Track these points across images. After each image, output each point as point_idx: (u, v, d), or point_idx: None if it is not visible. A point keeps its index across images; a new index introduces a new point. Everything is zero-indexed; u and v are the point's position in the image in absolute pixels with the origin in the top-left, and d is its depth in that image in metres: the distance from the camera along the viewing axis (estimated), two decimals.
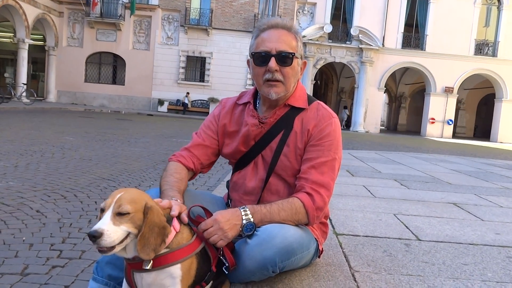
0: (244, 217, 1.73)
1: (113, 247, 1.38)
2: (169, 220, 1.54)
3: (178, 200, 1.74)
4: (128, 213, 1.40)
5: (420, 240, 2.82)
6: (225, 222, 1.68)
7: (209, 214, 1.76)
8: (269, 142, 2.00)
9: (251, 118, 2.03)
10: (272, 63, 1.88)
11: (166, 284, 1.50)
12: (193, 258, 1.56)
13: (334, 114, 2.02)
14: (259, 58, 1.92)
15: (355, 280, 2.03)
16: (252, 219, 1.73)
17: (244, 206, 1.78)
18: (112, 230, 1.36)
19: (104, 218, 1.38)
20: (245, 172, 2.06)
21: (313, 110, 2.01)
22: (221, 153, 2.15)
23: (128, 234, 1.42)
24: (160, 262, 1.49)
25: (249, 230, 1.72)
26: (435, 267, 2.29)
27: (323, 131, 1.94)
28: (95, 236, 1.33)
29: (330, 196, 1.92)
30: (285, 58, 1.89)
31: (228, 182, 2.21)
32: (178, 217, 1.61)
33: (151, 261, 1.48)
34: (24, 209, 3.66)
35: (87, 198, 4.21)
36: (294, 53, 1.90)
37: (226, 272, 1.71)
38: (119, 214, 1.39)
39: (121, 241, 1.40)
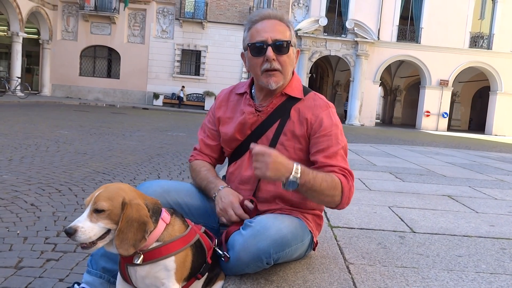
0: (293, 173, 1.73)
1: (93, 243, 1.41)
2: (157, 212, 1.53)
3: (227, 187, 1.98)
4: (104, 210, 1.41)
5: (414, 232, 2.83)
6: (275, 162, 1.70)
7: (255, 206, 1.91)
8: (265, 131, 2.00)
9: (248, 106, 2.03)
10: (270, 52, 1.89)
11: (161, 277, 1.50)
12: (188, 250, 1.56)
13: (331, 104, 2.04)
14: (255, 49, 1.92)
15: (349, 272, 2.03)
16: (298, 179, 1.73)
17: (298, 163, 1.77)
18: (88, 227, 1.38)
19: (82, 216, 1.41)
20: (240, 162, 2.06)
21: (309, 100, 2.02)
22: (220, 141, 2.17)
23: (110, 230, 1.43)
24: (153, 255, 1.49)
25: (290, 187, 1.74)
26: (429, 259, 2.30)
27: (324, 121, 1.96)
28: (69, 233, 1.37)
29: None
30: (281, 47, 1.90)
31: (224, 175, 2.21)
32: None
33: (142, 256, 1.48)
34: (19, 203, 3.65)
35: (81, 192, 4.20)
36: (290, 41, 1.92)
37: (223, 260, 1.72)
38: (96, 211, 1.41)
39: (102, 237, 1.42)
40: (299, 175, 1.73)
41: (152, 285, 1.52)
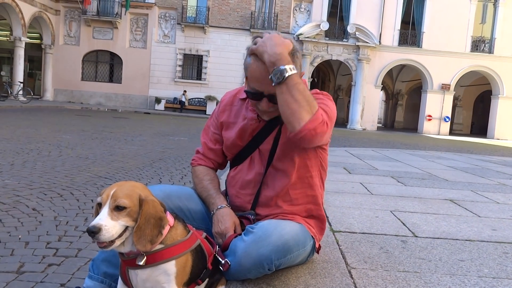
0: (287, 64, 1.72)
1: (113, 242, 1.41)
2: (164, 212, 1.55)
3: (225, 206, 1.96)
4: (125, 208, 1.41)
5: (416, 236, 2.82)
6: (275, 45, 1.74)
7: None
8: (266, 136, 2.00)
9: (251, 112, 2.03)
10: (264, 104, 1.87)
11: (161, 281, 1.50)
12: (188, 255, 1.56)
13: (330, 96, 2.04)
14: (250, 95, 1.90)
15: (351, 277, 2.03)
16: (287, 74, 1.71)
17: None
18: (110, 225, 1.38)
19: (102, 214, 1.40)
20: (241, 167, 2.07)
21: None
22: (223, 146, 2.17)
23: (127, 227, 1.44)
24: (155, 259, 1.49)
25: (275, 75, 1.71)
26: (431, 263, 2.29)
27: (317, 96, 1.96)
28: (93, 232, 1.36)
29: (329, 132, 1.85)
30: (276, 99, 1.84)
31: (226, 180, 2.22)
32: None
33: (145, 257, 1.48)
34: (20, 207, 3.65)
35: (83, 196, 4.20)
36: None
37: (222, 269, 1.71)
38: (117, 209, 1.41)
39: (120, 235, 1.42)
40: (289, 71, 1.71)
41: None
